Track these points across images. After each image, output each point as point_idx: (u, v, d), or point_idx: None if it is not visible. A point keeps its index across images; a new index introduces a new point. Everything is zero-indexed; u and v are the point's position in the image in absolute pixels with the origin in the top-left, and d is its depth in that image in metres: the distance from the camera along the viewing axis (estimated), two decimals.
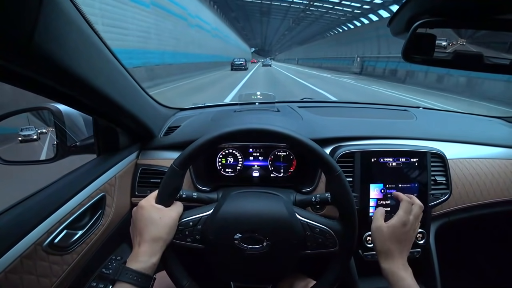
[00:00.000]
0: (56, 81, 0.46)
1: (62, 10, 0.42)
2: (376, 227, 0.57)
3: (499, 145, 0.94)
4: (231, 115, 0.94)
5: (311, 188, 0.77)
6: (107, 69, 0.58)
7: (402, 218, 0.56)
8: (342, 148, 0.79)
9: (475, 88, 9.13)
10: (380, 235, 0.56)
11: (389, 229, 0.55)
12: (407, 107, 1.14)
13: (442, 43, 0.48)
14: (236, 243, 0.51)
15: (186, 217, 0.54)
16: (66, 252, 0.57)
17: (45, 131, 0.84)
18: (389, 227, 0.56)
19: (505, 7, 0.38)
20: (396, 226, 0.55)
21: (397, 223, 0.56)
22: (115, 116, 0.68)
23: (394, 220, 0.56)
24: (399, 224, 0.56)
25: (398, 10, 0.45)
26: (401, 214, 0.57)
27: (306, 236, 0.53)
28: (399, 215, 0.57)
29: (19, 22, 0.34)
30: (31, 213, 0.52)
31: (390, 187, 0.77)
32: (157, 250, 0.48)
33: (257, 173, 0.85)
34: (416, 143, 0.85)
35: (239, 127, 0.54)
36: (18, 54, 0.37)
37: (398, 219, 0.56)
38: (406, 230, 0.56)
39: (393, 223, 0.56)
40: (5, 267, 0.45)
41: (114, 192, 0.73)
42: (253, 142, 0.85)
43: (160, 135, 0.89)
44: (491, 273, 1.17)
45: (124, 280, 0.44)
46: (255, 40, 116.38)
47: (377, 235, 0.57)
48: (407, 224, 0.56)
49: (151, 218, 0.49)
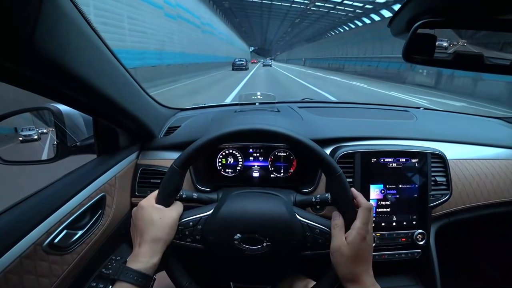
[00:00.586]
0: (56, 81, 0.46)
1: (62, 10, 0.42)
2: (336, 247, 0.47)
3: (499, 145, 0.93)
4: (231, 115, 0.94)
5: (311, 188, 0.77)
6: (107, 69, 0.58)
7: (362, 232, 0.47)
8: (342, 148, 0.79)
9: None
10: (341, 257, 0.47)
11: (350, 248, 0.46)
12: (407, 108, 1.13)
13: (442, 43, 0.48)
14: (236, 244, 0.51)
15: (186, 217, 0.54)
16: (66, 252, 0.57)
17: (46, 131, 0.84)
18: (349, 245, 0.46)
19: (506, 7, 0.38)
20: (356, 242, 0.46)
21: (357, 239, 0.46)
22: (115, 116, 0.68)
23: (352, 236, 0.47)
24: (359, 240, 0.46)
25: (399, 10, 0.45)
26: (359, 226, 0.47)
27: (306, 236, 0.52)
28: (357, 228, 0.47)
29: (19, 22, 0.34)
30: (31, 213, 0.52)
31: (390, 187, 0.77)
32: (157, 251, 0.48)
33: (257, 174, 0.85)
34: (416, 143, 0.85)
35: (239, 128, 0.54)
36: (18, 54, 0.37)
37: (356, 233, 0.47)
38: (368, 244, 0.47)
39: (352, 239, 0.47)
40: (5, 267, 0.45)
41: (114, 192, 0.73)
42: (253, 142, 0.85)
43: (160, 135, 0.89)
44: (491, 274, 1.17)
45: (124, 280, 0.44)
46: (254, 39, 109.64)
47: (338, 257, 0.47)
48: (367, 237, 0.47)
49: (151, 218, 0.49)
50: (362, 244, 0.47)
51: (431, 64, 0.49)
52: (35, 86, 0.46)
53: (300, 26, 60.95)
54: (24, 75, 0.41)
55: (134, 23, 10.44)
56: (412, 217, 0.78)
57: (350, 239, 0.47)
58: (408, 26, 0.44)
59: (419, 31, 0.43)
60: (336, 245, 0.48)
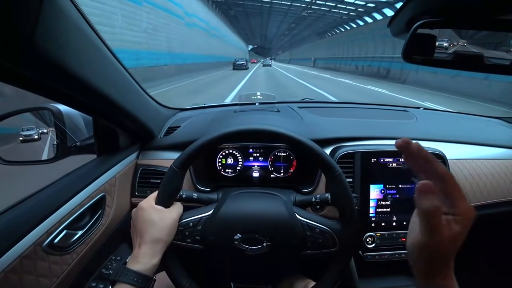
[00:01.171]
0: (56, 81, 0.46)
1: (62, 10, 0.42)
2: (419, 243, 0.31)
3: (499, 145, 0.93)
4: (231, 116, 0.94)
5: (311, 188, 0.77)
6: (107, 69, 0.58)
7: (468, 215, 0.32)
8: (342, 148, 0.79)
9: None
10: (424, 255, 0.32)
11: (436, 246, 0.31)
12: (407, 108, 1.13)
13: (442, 43, 0.48)
14: (236, 244, 0.51)
15: (186, 218, 0.54)
16: (66, 252, 0.57)
17: (46, 131, 0.84)
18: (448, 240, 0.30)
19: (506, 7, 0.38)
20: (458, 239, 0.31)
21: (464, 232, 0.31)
22: (115, 116, 0.68)
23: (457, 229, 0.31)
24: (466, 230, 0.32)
25: (398, 10, 0.45)
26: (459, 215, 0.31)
27: (306, 236, 0.52)
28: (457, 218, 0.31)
29: (19, 22, 0.34)
30: (31, 213, 0.52)
31: (390, 187, 0.77)
32: (157, 251, 0.48)
33: (257, 174, 0.85)
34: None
35: (239, 128, 0.54)
36: (18, 54, 0.37)
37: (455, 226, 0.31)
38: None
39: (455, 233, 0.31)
40: (4, 267, 0.45)
41: (114, 192, 0.73)
42: (253, 142, 0.85)
43: (160, 136, 0.89)
44: (491, 273, 1.17)
45: (124, 281, 0.44)
46: (254, 37, 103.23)
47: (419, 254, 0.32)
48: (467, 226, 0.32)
49: (151, 219, 0.49)
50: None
51: (431, 64, 0.49)
52: (35, 86, 0.46)
53: (305, 21, 53.41)
54: (24, 75, 0.41)
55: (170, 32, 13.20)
56: None
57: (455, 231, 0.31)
58: (408, 26, 0.44)
59: (419, 31, 0.43)
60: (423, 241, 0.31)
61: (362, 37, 24.53)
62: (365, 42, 23.58)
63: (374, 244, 0.77)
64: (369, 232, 0.77)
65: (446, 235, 0.30)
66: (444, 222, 0.30)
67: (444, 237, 0.30)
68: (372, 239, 0.77)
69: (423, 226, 0.31)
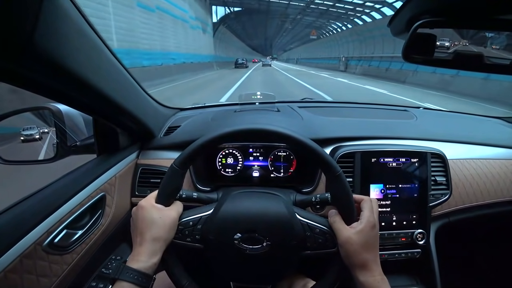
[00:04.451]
0: (56, 81, 0.46)
1: (62, 10, 0.42)
2: (345, 238, 0.48)
3: (499, 145, 0.93)
4: (231, 115, 0.94)
5: (311, 188, 0.77)
6: (107, 69, 0.58)
7: (371, 219, 0.49)
8: (342, 148, 0.79)
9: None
10: (351, 246, 0.48)
11: (360, 236, 0.48)
12: (407, 107, 1.13)
13: (442, 43, 0.48)
14: (236, 243, 0.51)
15: (186, 217, 0.54)
16: (66, 252, 0.57)
17: (47, 130, 0.84)
18: (359, 233, 0.48)
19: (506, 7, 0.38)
20: (366, 230, 0.48)
21: (367, 227, 0.48)
22: (115, 116, 0.68)
23: (363, 224, 0.49)
24: (368, 228, 0.48)
25: (399, 10, 0.45)
26: (368, 215, 0.49)
27: (306, 236, 0.53)
28: (366, 216, 0.49)
29: (19, 22, 0.34)
30: (31, 212, 0.52)
31: (390, 187, 0.77)
32: (157, 250, 0.48)
33: (257, 173, 0.85)
34: (416, 143, 0.85)
35: (239, 127, 0.54)
36: (18, 54, 0.37)
37: (366, 222, 0.49)
38: (376, 232, 0.49)
39: (362, 227, 0.48)
40: (5, 266, 0.45)
41: (114, 192, 0.73)
42: (253, 142, 0.85)
43: (160, 135, 0.89)
44: (491, 274, 1.17)
45: (124, 279, 0.44)
46: (254, 36, 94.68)
47: (348, 247, 0.48)
48: (376, 226, 0.49)
49: (151, 217, 0.49)
50: (371, 232, 0.48)
51: (431, 64, 0.49)
52: (35, 86, 0.46)
53: (302, 23, 51.70)
54: (24, 75, 0.41)
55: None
56: (412, 216, 0.78)
57: (360, 227, 0.48)
58: (408, 26, 0.44)
59: (419, 30, 0.43)
60: (346, 236, 0.48)
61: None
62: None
63: None
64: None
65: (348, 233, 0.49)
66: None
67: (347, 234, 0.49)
68: None
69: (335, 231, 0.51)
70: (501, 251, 1.13)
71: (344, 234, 0.49)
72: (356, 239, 0.48)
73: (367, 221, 0.49)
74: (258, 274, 0.55)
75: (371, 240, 0.49)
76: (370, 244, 0.48)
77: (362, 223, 0.49)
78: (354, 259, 0.48)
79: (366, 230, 0.48)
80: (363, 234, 0.48)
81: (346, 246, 0.48)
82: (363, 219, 0.49)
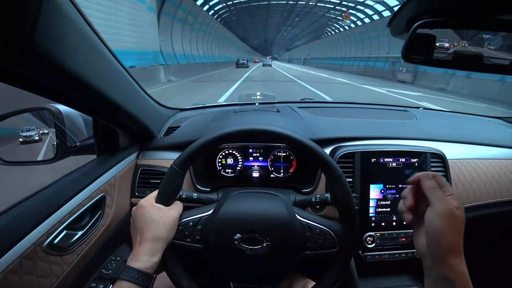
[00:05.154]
0: (56, 81, 0.46)
1: (62, 11, 0.42)
2: (447, 209, 0.38)
3: (499, 145, 0.94)
4: (231, 116, 0.94)
5: (311, 188, 0.77)
6: (107, 69, 0.58)
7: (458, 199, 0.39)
8: (342, 148, 0.79)
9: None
10: (454, 222, 0.38)
11: (460, 212, 0.38)
12: (407, 108, 1.14)
13: (442, 43, 0.48)
14: (236, 244, 0.51)
15: (186, 217, 0.54)
16: (66, 252, 0.57)
17: (47, 131, 0.83)
18: (459, 209, 0.38)
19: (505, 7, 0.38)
20: (461, 208, 0.38)
21: (460, 206, 0.39)
22: (115, 117, 0.68)
23: (457, 202, 0.39)
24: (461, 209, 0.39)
25: (398, 10, 0.45)
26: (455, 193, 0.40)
27: (306, 237, 0.52)
28: (455, 194, 0.39)
29: (19, 22, 0.34)
30: (31, 213, 0.52)
31: (390, 187, 0.77)
32: (158, 249, 0.48)
33: (257, 174, 0.85)
34: (416, 143, 0.85)
35: (239, 128, 0.54)
36: (18, 54, 0.37)
37: (458, 200, 0.39)
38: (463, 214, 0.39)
39: (459, 205, 0.38)
40: (4, 267, 0.45)
41: (114, 192, 0.73)
42: (253, 142, 0.85)
43: (160, 136, 0.89)
44: (491, 274, 1.17)
45: (125, 278, 0.44)
46: (255, 36, 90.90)
47: (450, 221, 0.38)
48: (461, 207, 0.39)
49: (151, 217, 0.49)
50: (462, 215, 0.39)
51: (430, 64, 0.49)
52: (35, 86, 0.46)
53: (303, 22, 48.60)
54: (24, 75, 0.41)
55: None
56: None
57: (458, 204, 0.39)
58: (408, 26, 0.44)
59: (418, 31, 0.43)
60: (447, 207, 0.38)
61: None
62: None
63: (374, 244, 0.77)
64: (369, 232, 0.77)
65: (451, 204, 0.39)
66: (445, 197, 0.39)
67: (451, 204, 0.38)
68: (372, 239, 0.77)
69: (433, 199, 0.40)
70: (501, 251, 1.13)
71: (445, 204, 0.38)
72: (460, 214, 0.38)
73: (458, 200, 0.39)
74: (258, 275, 0.55)
75: (461, 222, 0.39)
76: (461, 226, 0.39)
77: (456, 201, 0.39)
78: (449, 240, 0.38)
79: (461, 207, 0.39)
80: (461, 210, 0.39)
81: (447, 219, 0.38)
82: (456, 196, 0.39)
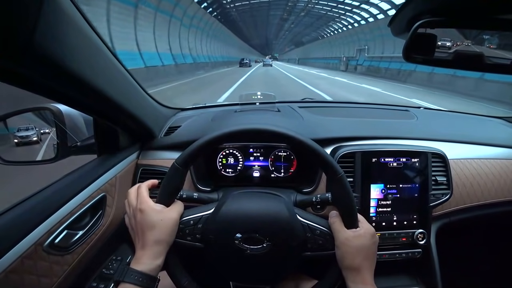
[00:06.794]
0: (57, 81, 0.46)
1: (63, 11, 0.42)
2: (343, 239, 0.48)
3: (500, 145, 0.93)
4: (231, 115, 0.94)
5: (312, 188, 0.77)
6: (107, 69, 0.58)
7: (371, 229, 0.49)
8: (343, 148, 0.79)
9: None
10: (348, 248, 0.47)
11: (358, 240, 0.48)
12: (408, 107, 1.13)
13: (443, 43, 0.48)
14: (237, 243, 0.51)
15: (187, 216, 0.54)
16: (67, 252, 0.57)
17: (48, 131, 0.82)
18: (358, 237, 0.48)
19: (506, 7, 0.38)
20: (365, 236, 0.48)
21: (367, 233, 0.48)
22: (116, 116, 0.68)
23: (363, 230, 0.49)
24: (368, 235, 0.48)
25: (399, 10, 0.45)
26: (368, 226, 0.50)
27: (306, 237, 0.52)
28: (367, 225, 0.50)
29: (20, 22, 0.34)
30: (31, 213, 0.52)
31: (391, 187, 0.77)
32: (160, 252, 0.48)
33: (258, 173, 0.85)
34: (417, 143, 0.85)
35: (240, 127, 0.54)
36: (18, 54, 0.37)
37: (367, 229, 0.49)
38: (375, 241, 0.49)
39: (362, 233, 0.48)
40: (5, 267, 0.45)
41: (114, 192, 0.73)
42: (254, 142, 0.85)
43: (160, 135, 0.89)
44: (491, 273, 1.17)
45: (129, 281, 0.44)
46: (255, 35, 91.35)
47: (345, 249, 0.48)
48: (375, 236, 0.49)
49: (152, 221, 0.49)
50: (371, 240, 0.49)
51: (431, 64, 0.49)
52: (35, 86, 0.46)
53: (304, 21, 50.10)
54: (24, 75, 0.41)
55: None
56: (413, 216, 0.78)
57: (360, 232, 0.48)
58: (409, 26, 0.44)
59: (419, 30, 0.43)
60: (344, 237, 0.48)
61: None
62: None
63: None
64: None
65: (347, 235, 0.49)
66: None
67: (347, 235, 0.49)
68: None
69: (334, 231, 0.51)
70: (502, 251, 1.13)
71: (343, 235, 0.49)
72: (354, 241, 0.48)
73: (367, 228, 0.49)
74: (258, 274, 0.55)
75: (369, 247, 0.49)
76: (368, 251, 0.48)
77: (362, 229, 0.49)
78: (348, 261, 0.48)
79: (365, 236, 0.48)
80: (361, 239, 0.48)
81: (343, 248, 0.48)
82: (363, 226, 0.50)
